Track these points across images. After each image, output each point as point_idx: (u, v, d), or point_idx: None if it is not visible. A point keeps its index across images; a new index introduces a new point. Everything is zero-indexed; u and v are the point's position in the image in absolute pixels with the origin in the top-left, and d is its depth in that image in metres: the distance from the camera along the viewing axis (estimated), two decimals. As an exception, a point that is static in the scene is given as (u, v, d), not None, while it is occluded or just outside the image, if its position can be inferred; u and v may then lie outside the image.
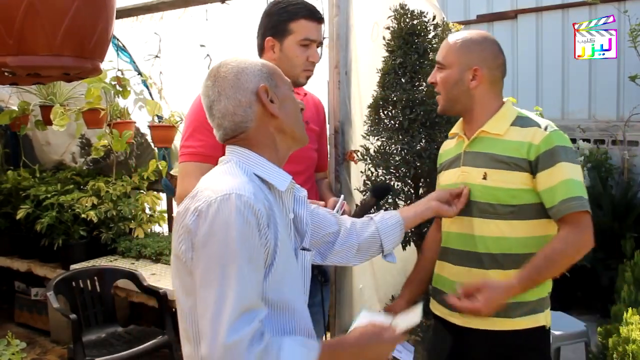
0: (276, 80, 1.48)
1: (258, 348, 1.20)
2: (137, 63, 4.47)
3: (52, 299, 3.31)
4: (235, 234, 1.24)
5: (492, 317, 1.79)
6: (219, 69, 1.46)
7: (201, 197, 1.30)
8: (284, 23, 2.14)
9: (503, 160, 1.80)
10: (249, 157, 1.43)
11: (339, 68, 2.50)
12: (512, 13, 5.84)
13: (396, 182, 2.39)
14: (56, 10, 1.41)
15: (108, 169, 4.75)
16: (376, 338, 1.42)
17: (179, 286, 1.38)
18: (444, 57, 1.89)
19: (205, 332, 1.22)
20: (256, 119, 1.44)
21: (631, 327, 2.50)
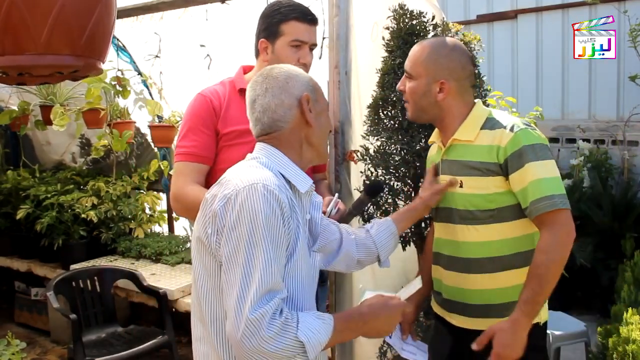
0: (317, 95, 1.60)
1: (278, 322, 1.30)
2: (137, 63, 4.47)
3: (52, 299, 3.32)
4: (262, 220, 1.34)
5: (489, 318, 1.82)
6: (272, 70, 1.58)
7: (230, 185, 1.40)
8: (275, 25, 2.15)
9: (476, 167, 1.81)
10: (276, 156, 1.53)
11: (338, 68, 2.50)
12: (512, 13, 5.84)
13: (396, 182, 2.39)
14: (40, 7, 1.40)
15: (108, 169, 4.75)
16: (385, 306, 1.52)
17: (199, 268, 1.47)
18: (411, 67, 1.89)
19: (231, 308, 1.32)
20: (292, 122, 1.54)
21: (631, 327, 2.50)
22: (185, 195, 2.10)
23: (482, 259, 1.83)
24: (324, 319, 1.41)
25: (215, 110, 2.18)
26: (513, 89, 5.75)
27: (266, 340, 1.28)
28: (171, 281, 3.64)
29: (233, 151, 2.15)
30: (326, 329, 1.39)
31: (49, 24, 1.38)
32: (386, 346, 2.49)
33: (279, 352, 1.30)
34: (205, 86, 2.28)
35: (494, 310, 1.84)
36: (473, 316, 1.88)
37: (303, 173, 1.56)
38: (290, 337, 1.31)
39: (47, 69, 1.52)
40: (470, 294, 1.88)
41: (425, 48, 1.87)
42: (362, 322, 1.49)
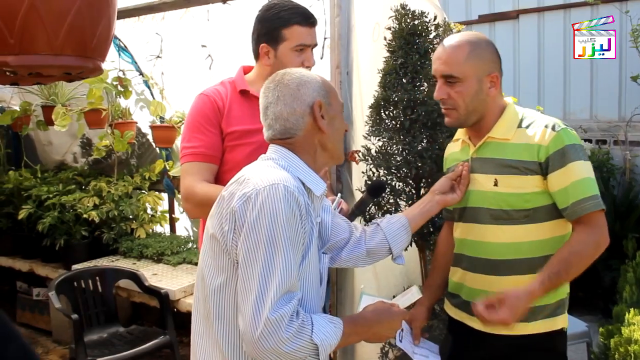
0: (331, 99, 1.59)
1: (296, 324, 1.33)
2: (138, 63, 4.47)
3: (53, 299, 3.32)
4: (283, 220, 1.35)
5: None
6: (284, 76, 1.57)
7: (249, 184, 1.41)
8: (277, 30, 2.13)
9: (513, 165, 1.76)
10: (292, 159, 1.54)
11: (340, 68, 2.50)
12: (514, 13, 5.84)
13: (397, 183, 2.39)
14: (58, 9, 1.41)
15: (109, 169, 4.75)
16: (388, 312, 1.58)
17: (210, 264, 1.48)
18: (454, 69, 1.78)
19: (249, 307, 1.33)
20: (305, 129, 1.55)
21: (633, 327, 2.50)
22: (195, 193, 2.08)
23: (512, 261, 1.79)
24: (335, 322, 1.45)
25: (219, 109, 2.18)
26: (514, 88, 5.75)
27: (284, 341, 1.31)
28: (173, 281, 3.64)
29: (236, 152, 2.16)
30: (336, 333, 1.43)
31: (65, 26, 1.39)
32: (388, 346, 2.49)
33: (294, 352, 1.33)
34: (206, 86, 2.28)
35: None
36: None
37: (317, 176, 1.57)
38: (306, 339, 1.35)
39: (59, 69, 1.52)
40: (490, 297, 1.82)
41: (463, 46, 1.78)
42: (367, 327, 1.54)
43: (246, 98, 2.21)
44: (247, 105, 2.20)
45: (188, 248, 4.25)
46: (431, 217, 1.97)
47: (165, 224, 4.70)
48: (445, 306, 2.06)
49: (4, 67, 1.43)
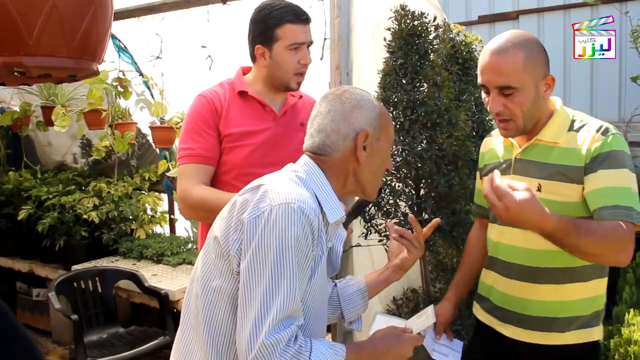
0: (381, 134, 1.51)
1: (292, 350, 1.26)
2: (138, 64, 4.48)
3: (53, 300, 3.32)
4: (293, 242, 1.29)
5: (550, 332, 1.74)
6: (344, 92, 1.51)
7: (266, 199, 1.34)
8: (270, 30, 2.13)
9: (560, 171, 1.67)
10: (318, 177, 1.47)
11: (340, 69, 2.50)
12: (514, 14, 5.83)
13: (397, 183, 2.39)
14: (76, 12, 1.42)
15: (109, 170, 4.75)
16: (397, 339, 1.49)
17: (210, 265, 1.43)
18: (512, 79, 1.64)
19: (246, 326, 1.27)
20: (343, 152, 1.48)
21: (633, 328, 2.49)
22: (191, 196, 2.09)
23: (554, 269, 1.71)
24: (337, 349, 1.37)
25: (217, 111, 2.17)
26: (514, 89, 5.74)
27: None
28: (172, 282, 3.65)
29: (234, 153, 2.15)
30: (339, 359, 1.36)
31: (82, 29, 1.40)
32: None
33: None
34: (206, 87, 2.28)
35: (556, 323, 1.74)
36: (532, 328, 1.77)
37: (338, 202, 1.49)
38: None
39: (69, 71, 1.53)
40: (532, 305, 1.76)
41: (518, 52, 1.64)
42: (374, 355, 1.46)
43: (245, 99, 2.21)
44: (245, 106, 2.20)
45: (188, 249, 4.25)
46: (431, 219, 1.94)
47: (165, 225, 4.70)
48: (474, 309, 2.00)
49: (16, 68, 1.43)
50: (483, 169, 1.97)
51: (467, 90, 2.71)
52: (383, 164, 1.55)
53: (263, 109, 2.22)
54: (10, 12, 1.35)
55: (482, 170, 1.99)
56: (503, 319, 1.84)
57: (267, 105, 2.22)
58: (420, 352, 2.32)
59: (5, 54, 1.40)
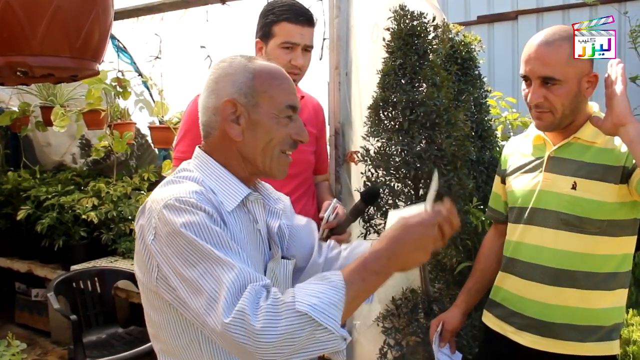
0: (259, 99, 1.30)
1: (264, 305, 1.09)
2: (137, 64, 4.48)
3: (52, 300, 3.31)
4: (191, 229, 1.16)
5: (570, 342, 1.69)
6: (217, 63, 1.36)
7: (152, 214, 1.23)
8: (269, 25, 2.12)
9: (597, 170, 1.63)
10: (206, 165, 1.34)
11: (339, 69, 2.50)
12: (513, 14, 5.83)
13: (396, 183, 2.39)
14: (80, 13, 1.42)
15: (108, 170, 4.75)
16: (406, 229, 1.22)
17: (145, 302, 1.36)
18: (555, 71, 1.62)
19: (209, 329, 1.14)
20: (219, 129, 1.32)
21: (632, 328, 2.50)
22: None
23: (580, 273, 1.66)
24: (329, 278, 1.17)
25: None
26: (513, 89, 5.74)
27: (262, 332, 1.07)
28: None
29: None
30: (335, 287, 1.14)
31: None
32: (386, 347, 2.49)
33: (288, 336, 1.08)
34: None
35: (577, 332, 1.68)
36: (550, 336, 1.71)
37: (238, 184, 1.32)
38: (288, 315, 1.09)
39: (71, 71, 1.53)
40: (554, 310, 1.70)
41: (564, 44, 1.64)
42: (386, 260, 1.19)
43: None
44: None
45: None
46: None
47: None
48: (484, 317, 1.94)
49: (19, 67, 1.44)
50: (506, 170, 1.91)
51: (466, 91, 2.71)
52: (273, 134, 1.31)
53: None
54: (15, 12, 1.36)
55: (504, 172, 1.92)
56: (519, 326, 1.78)
57: None
58: (420, 352, 2.32)
59: (10, 54, 1.41)
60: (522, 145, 1.89)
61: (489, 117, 2.82)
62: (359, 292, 1.17)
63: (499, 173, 1.99)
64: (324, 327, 1.10)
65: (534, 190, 1.74)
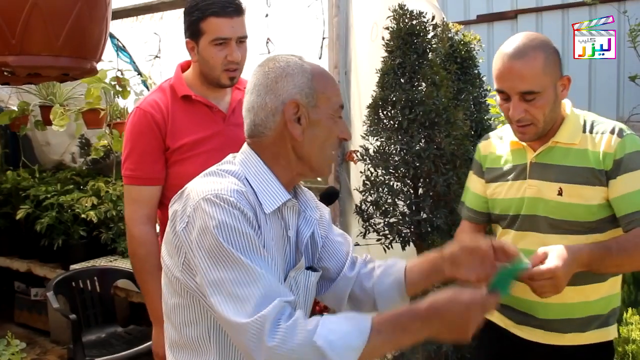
0: (318, 100, 1.32)
1: (284, 325, 1.12)
2: (137, 63, 4.46)
3: (51, 299, 3.31)
4: (225, 231, 1.18)
5: (564, 332, 1.71)
6: (269, 62, 1.35)
7: (188, 202, 1.25)
8: (196, 23, 1.98)
9: (580, 174, 1.64)
10: (253, 165, 1.34)
11: (338, 68, 2.51)
12: (512, 13, 5.83)
13: (395, 182, 2.39)
14: (60, 11, 1.41)
15: (108, 169, 4.74)
16: (453, 301, 1.20)
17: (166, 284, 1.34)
18: (534, 83, 1.60)
19: (230, 325, 1.17)
20: (275, 129, 1.32)
21: (631, 327, 2.50)
22: (132, 236, 2.06)
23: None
24: (358, 320, 1.17)
25: (158, 126, 2.04)
26: (513, 89, 5.75)
27: (272, 349, 1.11)
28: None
29: (186, 165, 2.03)
30: (359, 331, 1.14)
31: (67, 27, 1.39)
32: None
33: (292, 358, 1.12)
34: None
35: (576, 324, 1.72)
36: (551, 330, 1.74)
37: (278, 186, 1.33)
38: (303, 343, 1.11)
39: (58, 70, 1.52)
40: (553, 308, 1.71)
41: (537, 55, 1.61)
42: (419, 322, 1.18)
43: (189, 103, 2.09)
44: (191, 111, 2.09)
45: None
46: (429, 218, 1.90)
47: (164, 224, 4.69)
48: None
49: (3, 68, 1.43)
50: (486, 172, 1.88)
51: (465, 90, 2.71)
52: (329, 133, 1.35)
53: (210, 111, 2.10)
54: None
55: (484, 174, 1.89)
56: (519, 321, 1.79)
57: (214, 106, 2.10)
58: (419, 352, 2.32)
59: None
60: (499, 148, 1.86)
61: (488, 116, 2.82)
62: (384, 343, 1.17)
63: (478, 173, 1.92)
64: None
65: (522, 198, 1.74)
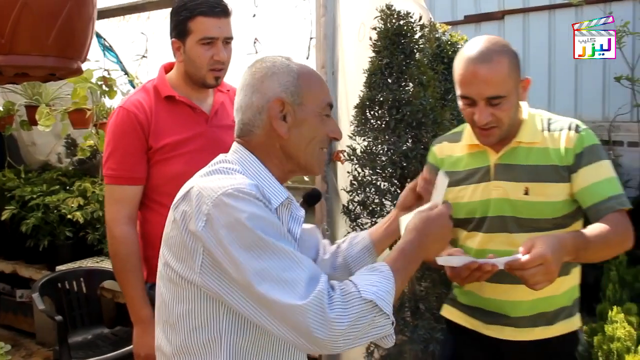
0: (304, 98, 1.34)
1: (337, 297, 1.18)
2: (124, 63, 4.44)
3: (37, 301, 3.28)
4: (253, 221, 1.19)
5: (531, 328, 1.74)
6: (256, 62, 1.38)
7: (202, 200, 1.22)
8: (183, 23, 2.01)
9: (544, 172, 1.67)
10: (251, 164, 1.35)
11: (325, 68, 2.51)
12: (500, 14, 5.86)
13: (383, 182, 2.39)
14: (50, 10, 1.39)
15: (94, 170, 4.72)
16: (428, 221, 1.38)
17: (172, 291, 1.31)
18: (499, 88, 1.60)
19: (282, 323, 1.17)
20: (263, 127, 1.34)
21: (616, 325, 2.52)
22: (113, 236, 2.05)
23: None
24: (379, 268, 1.27)
25: (141, 126, 2.04)
26: (500, 89, 5.78)
27: (335, 320, 1.15)
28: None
29: (168, 165, 2.05)
30: (386, 276, 1.25)
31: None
32: (373, 346, 2.50)
33: (355, 322, 1.17)
34: None
35: (544, 318, 1.75)
36: (521, 326, 1.75)
37: (277, 184, 1.36)
38: (357, 302, 1.18)
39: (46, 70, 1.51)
40: (523, 305, 1.74)
41: (502, 59, 1.62)
42: (418, 249, 1.34)
43: (172, 104, 2.11)
44: (174, 112, 2.10)
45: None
46: None
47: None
48: (446, 312, 1.94)
49: None
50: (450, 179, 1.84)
51: (452, 90, 2.71)
52: (316, 131, 1.37)
53: (193, 112, 2.12)
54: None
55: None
56: (488, 321, 1.80)
57: (197, 107, 2.12)
58: (407, 351, 2.33)
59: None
60: (455, 151, 1.85)
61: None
62: (403, 279, 1.30)
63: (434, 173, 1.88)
64: (383, 313, 1.20)
65: (488, 200, 1.73)
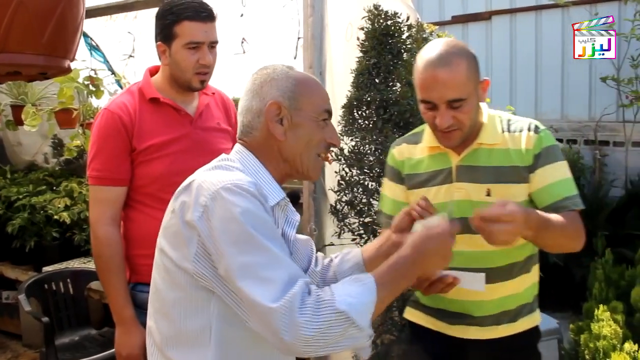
0: (301, 103, 1.40)
1: (310, 300, 1.19)
2: (110, 62, 4.42)
3: (23, 302, 3.26)
4: (247, 216, 1.23)
5: (495, 326, 1.77)
6: (259, 70, 1.45)
7: (202, 192, 1.27)
8: (169, 26, 2.02)
9: (506, 173, 1.69)
10: (251, 163, 1.41)
11: (313, 68, 2.51)
12: (487, 14, 5.90)
13: (370, 182, 2.40)
14: (45, 9, 1.39)
15: (81, 170, 4.68)
16: (428, 238, 1.36)
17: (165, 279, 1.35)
18: (460, 91, 1.61)
19: (256, 317, 1.21)
20: (262, 130, 1.41)
21: (602, 323, 2.54)
22: (96, 237, 2.06)
23: (506, 266, 1.74)
24: (362, 280, 1.26)
25: (125, 127, 2.06)
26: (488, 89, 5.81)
27: (303, 325, 1.16)
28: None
29: (152, 166, 2.07)
30: (368, 288, 1.24)
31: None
32: (361, 346, 2.50)
33: (325, 331, 1.17)
34: None
35: (508, 316, 1.78)
36: (485, 325, 1.78)
37: (275, 184, 1.41)
38: (329, 311, 1.18)
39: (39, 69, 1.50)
40: (487, 305, 1.76)
41: (461, 61, 1.62)
42: (412, 265, 1.32)
43: (157, 106, 2.12)
44: (159, 114, 2.11)
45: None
46: None
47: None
48: (409, 314, 1.94)
49: None
50: (407, 179, 1.84)
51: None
52: (312, 136, 1.42)
53: (178, 113, 2.13)
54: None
55: (405, 181, 1.85)
56: (452, 322, 1.82)
57: (182, 109, 2.13)
58: (395, 350, 2.33)
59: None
60: (416, 153, 1.84)
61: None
62: (389, 293, 1.30)
63: (396, 179, 1.88)
64: (356, 326, 1.20)
65: (451, 202, 1.73)
